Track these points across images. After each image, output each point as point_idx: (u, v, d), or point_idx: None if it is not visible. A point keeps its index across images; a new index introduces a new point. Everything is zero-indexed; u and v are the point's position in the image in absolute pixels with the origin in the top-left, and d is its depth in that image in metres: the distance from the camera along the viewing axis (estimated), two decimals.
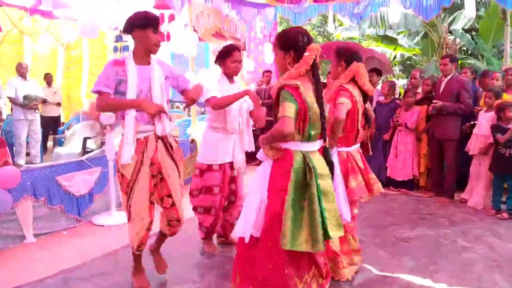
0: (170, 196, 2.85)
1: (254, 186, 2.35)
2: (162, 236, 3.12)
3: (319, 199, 2.19)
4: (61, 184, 4.25)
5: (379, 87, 6.73)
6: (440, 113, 5.15)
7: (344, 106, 2.90)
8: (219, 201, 3.48)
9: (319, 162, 2.28)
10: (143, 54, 2.78)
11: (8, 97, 6.89)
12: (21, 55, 9.11)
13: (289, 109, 2.14)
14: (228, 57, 3.43)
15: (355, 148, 3.14)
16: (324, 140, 2.34)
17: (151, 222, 2.80)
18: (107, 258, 3.57)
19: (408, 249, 3.75)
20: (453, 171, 5.29)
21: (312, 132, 2.23)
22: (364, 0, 7.97)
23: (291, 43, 2.28)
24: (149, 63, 2.81)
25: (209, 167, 3.47)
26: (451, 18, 11.81)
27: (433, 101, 5.22)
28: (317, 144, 2.32)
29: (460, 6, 10.56)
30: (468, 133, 5.26)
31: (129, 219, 2.83)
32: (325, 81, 6.37)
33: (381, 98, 6.22)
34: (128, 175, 2.74)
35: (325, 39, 18.75)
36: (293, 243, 2.13)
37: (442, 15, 11.68)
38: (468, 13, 7.02)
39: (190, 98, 2.93)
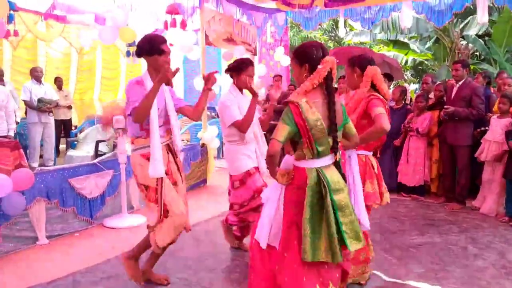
0: None
1: (270, 197, 2.40)
2: (155, 253, 3.10)
3: (335, 213, 2.21)
4: (74, 187, 4.32)
5: (390, 92, 6.71)
6: (452, 118, 5.13)
7: (386, 116, 2.88)
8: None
9: (333, 177, 2.28)
10: (156, 75, 2.90)
11: (24, 101, 7.02)
12: (35, 59, 9.27)
13: (280, 131, 2.19)
14: (243, 72, 3.46)
15: (371, 154, 3.15)
16: (335, 154, 2.34)
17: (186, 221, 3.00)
18: (117, 261, 3.61)
19: (417, 255, 3.73)
20: (465, 177, 5.25)
21: (320, 149, 2.22)
22: (375, 5, 7.97)
23: (306, 56, 2.32)
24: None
25: (247, 174, 3.47)
26: (463, 23, 11.74)
27: (445, 107, 5.20)
28: (329, 159, 2.31)
29: (473, 12, 10.48)
30: (478, 139, 5.22)
31: (162, 219, 2.90)
32: (335, 86, 6.38)
33: (392, 104, 6.21)
34: (153, 183, 2.90)
35: (336, 43, 18.74)
36: (314, 254, 2.17)
37: (454, 20, 11.61)
38: (480, 20, 6.97)
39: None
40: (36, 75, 7.06)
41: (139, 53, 2.98)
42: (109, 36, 5.73)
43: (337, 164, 2.35)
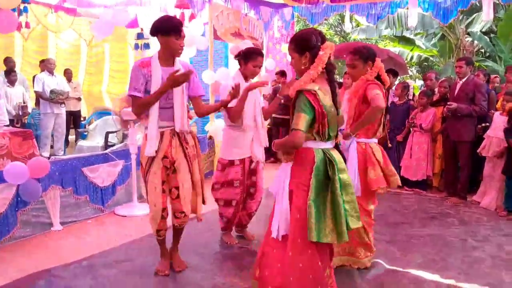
0: (177, 188, 3.08)
1: (278, 186, 2.41)
2: (174, 231, 3.27)
3: (340, 192, 2.30)
4: (87, 176, 4.47)
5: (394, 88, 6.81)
6: (455, 114, 5.23)
7: (381, 96, 3.06)
8: (240, 193, 3.67)
9: (338, 157, 2.38)
10: (167, 57, 2.96)
11: (36, 91, 7.18)
12: (45, 51, 9.41)
13: (302, 121, 2.21)
14: (251, 60, 3.58)
15: (373, 141, 3.28)
16: (336, 137, 2.47)
17: (163, 209, 3.05)
18: (129, 246, 3.77)
19: (418, 246, 3.87)
20: (466, 172, 5.36)
21: (331, 134, 2.34)
22: (381, 1, 8.04)
23: (305, 44, 2.32)
24: (173, 65, 2.99)
25: (231, 162, 3.67)
26: (469, 20, 11.78)
27: (448, 103, 5.30)
28: (333, 142, 2.43)
29: (478, 9, 10.53)
30: (480, 135, 5.33)
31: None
32: (341, 80, 6.48)
33: (395, 99, 6.31)
34: (143, 162, 3.05)
35: (342, 39, 18.79)
36: (319, 235, 2.20)
37: (460, 17, 11.65)
38: (485, 17, 7.05)
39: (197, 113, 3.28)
40: (49, 67, 7.21)
41: (154, 32, 2.91)
42: (102, 31, 5.68)
43: (337, 147, 2.47)
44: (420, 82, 14.56)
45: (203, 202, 3.27)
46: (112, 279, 3.15)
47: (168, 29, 2.86)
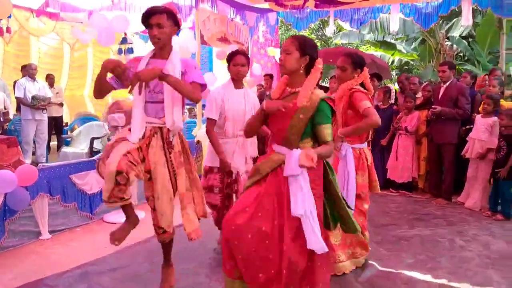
0: (152, 198, 2.71)
1: (303, 200, 2.24)
2: (161, 245, 2.94)
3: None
4: (75, 183, 4.42)
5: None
6: (439, 118, 5.35)
7: (374, 110, 3.13)
8: (219, 199, 3.61)
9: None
10: (159, 49, 2.74)
11: (17, 97, 7.05)
12: (27, 55, 9.26)
13: (331, 130, 2.34)
14: (231, 61, 3.54)
15: (365, 146, 3.37)
16: None
17: (118, 173, 2.46)
18: (121, 253, 3.73)
19: (407, 247, 3.94)
20: (451, 174, 5.49)
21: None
22: (364, 7, 8.18)
23: (311, 49, 2.36)
24: (166, 57, 2.72)
25: (211, 169, 3.62)
26: (448, 25, 12.07)
27: (433, 107, 5.42)
28: None
29: (458, 14, 10.80)
30: (463, 137, 5.47)
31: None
32: (327, 85, 6.57)
33: (378, 104, 6.42)
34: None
35: (323, 43, 18.98)
36: (355, 227, 2.45)
37: (440, 22, 11.93)
38: (465, 22, 7.25)
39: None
40: (30, 72, 7.09)
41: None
42: (106, 40, 5.76)
43: None
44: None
45: (200, 215, 2.91)
46: (106, 286, 3.12)
47: (142, 22, 2.68)
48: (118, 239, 2.73)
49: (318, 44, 18.78)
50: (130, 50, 8.17)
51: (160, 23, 2.60)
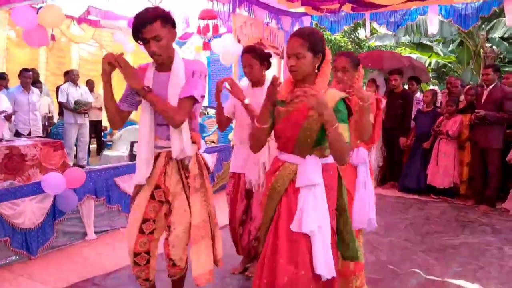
0: (169, 228, 2.45)
1: (317, 214, 1.99)
2: (172, 284, 2.60)
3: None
4: (119, 185, 4.52)
5: (418, 94, 6.80)
6: (483, 122, 5.20)
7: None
8: (230, 211, 3.32)
9: None
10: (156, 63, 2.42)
11: (60, 102, 7.30)
12: (68, 62, 9.58)
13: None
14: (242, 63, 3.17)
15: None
16: None
17: (136, 254, 2.43)
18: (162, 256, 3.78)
19: (454, 255, 3.83)
20: (495, 180, 5.32)
21: None
22: (401, 9, 8.04)
23: (322, 45, 2.06)
24: (169, 70, 2.36)
25: (229, 174, 3.39)
26: (489, 26, 11.72)
27: (476, 111, 5.28)
28: None
29: (498, 14, 10.47)
30: (509, 141, 5.30)
31: None
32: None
33: (421, 106, 6.30)
34: (133, 191, 2.51)
35: (356, 46, 18.77)
36: (357, 253, 2.18)
37: (479, 23, 11.60)
38: (509, 23, 7.00)
39: None
40: (72, 77, 7.33)
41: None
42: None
43: None
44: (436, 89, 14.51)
45: (215, 261, 2.51)
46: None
47: (133, 36, 2.29)
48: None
49: (351, 47, 18.59)
50: None
51: (156, 35, 2.21)
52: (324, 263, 1.94)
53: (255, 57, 3.06)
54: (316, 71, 2.09)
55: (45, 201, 3.76)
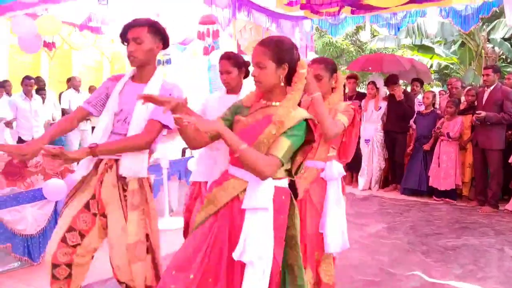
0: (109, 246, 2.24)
1: (260, 242, 1.75)
2: None
3: None
4: None
5: (419, 96, 6.80)
6: (484, 123, 5.19)
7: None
8: (185, 219, 3.15)
9: None
10: (138, 70, 2.30)
11: (63, 109, 7.35)
12: (69, 68, 9.64)
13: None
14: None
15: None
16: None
17: (55, 266, 2.18)
18: (166, 260, 3.79)
19: (454, 257, 3.82)
20: (497, 181, 5.30)
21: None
22: (401, 11, 8.05)
23: (288, 54, 1.84)
24: (146, 82, 2.26)
25: (190, 183, 3.22)
26: (490, 27, 11.71)
27: (477, 112, 5.27)
28: None
29: (499, 15, 10.46)
30: (510, 141, 5.29)
31: None
32: (364, 91, 6.52)
33: (421, 109, 6.29)
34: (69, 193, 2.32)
35: (358, 48, 18.75)
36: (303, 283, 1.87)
37: (480, 24, 11.59)
38: (509, 22, 6.99)
39: None
40: (75, 84, 7.40)
41: None
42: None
43: None
44: (437, 89, 14.48)
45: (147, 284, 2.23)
46: None
47: (121, 37, 2.25)
48: None
49: (353, 49, 18.57)
50: (169, 61, 8.36)
51: (138, 37, 2.16)
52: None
53: (233, 64, 2.88)
54: (287, 85, 1.88)
55: (46, 207, 3.79)
